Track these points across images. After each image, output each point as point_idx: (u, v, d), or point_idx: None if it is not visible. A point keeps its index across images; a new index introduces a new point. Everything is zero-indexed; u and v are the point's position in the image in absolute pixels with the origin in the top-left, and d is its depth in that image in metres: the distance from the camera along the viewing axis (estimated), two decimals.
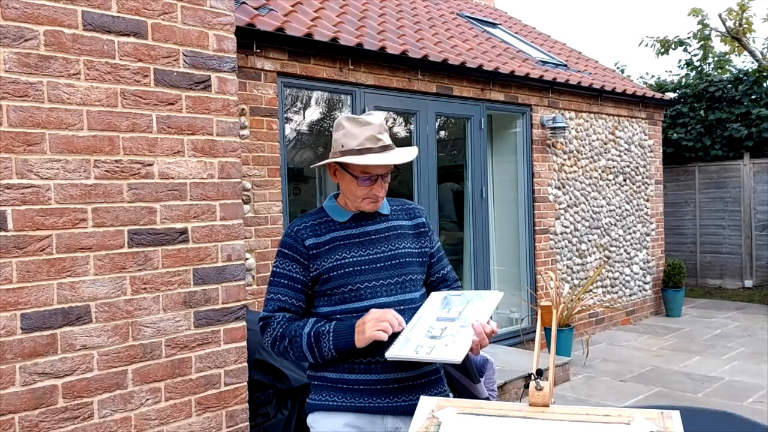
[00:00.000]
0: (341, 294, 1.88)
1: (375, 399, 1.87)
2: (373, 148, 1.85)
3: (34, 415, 2.31)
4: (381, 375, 1.87)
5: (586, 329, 7.21)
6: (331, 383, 1.91)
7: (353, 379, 1.88)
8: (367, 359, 1.86)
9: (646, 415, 1.35)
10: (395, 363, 1.84)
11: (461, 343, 1.71)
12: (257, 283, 4.45)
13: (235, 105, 2.87)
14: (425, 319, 1.84)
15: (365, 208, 1.93)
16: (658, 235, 8.60)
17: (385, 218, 1.99)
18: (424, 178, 5.76)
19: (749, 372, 5.78)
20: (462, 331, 1.75)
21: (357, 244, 1.91)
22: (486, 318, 1.81)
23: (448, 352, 1.68)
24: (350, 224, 1.94)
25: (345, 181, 1.92)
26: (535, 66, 7.17)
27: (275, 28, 4.51)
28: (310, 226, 1.93)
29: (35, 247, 2.31)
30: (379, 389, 1.87)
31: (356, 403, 1.87)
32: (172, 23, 2.65)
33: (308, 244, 1.90)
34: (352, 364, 1.87)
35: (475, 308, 1.84)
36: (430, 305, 1.91)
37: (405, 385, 1.89)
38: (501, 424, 1.39)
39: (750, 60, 11.17)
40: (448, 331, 1.76)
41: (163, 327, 2.63)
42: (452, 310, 1.85)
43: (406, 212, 2.05)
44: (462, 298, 1.92)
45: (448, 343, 1.71)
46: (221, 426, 2.80)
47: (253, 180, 4.46)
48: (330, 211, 1.97)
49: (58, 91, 2.36)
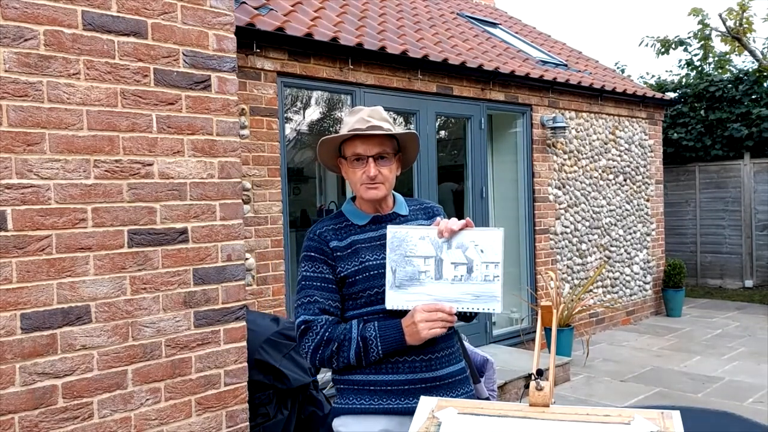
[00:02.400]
0: (367, 297, 1.86)
1: (403, 400, 1.84)
2: (361, 128, 1.85)
3: (34, 415, 2.31)
4: (408, 375, 1.85)
5: (587, 329, 7.21)
6: (357, 386, 1.87)
7: (381, 380, 1.85)
8: (394, 358, 1.84)
9: (646, 415, 1.35)
10: (423, 363, 1.84)
11: (494, 291, 1.74)
12: (257, 283, 4.45)
13: (235, 105, 2.87)
14: (440, 266, 1.79)
15: (365, 195, 1.90)
16: (658, 235, 8.60)
17: (404, 219, 1.98)
18: (424, 177, 5.76)
19: (749, 372, 5.78)
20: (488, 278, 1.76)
21: (378, 246, 1.89)
22: (500, 257, 1.78)
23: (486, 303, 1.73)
24: (370, 227, 1.93)
25: (346, 172, 1.93)
26: (535, 66, 7.16)
27: (275, 27, 4.51)
28: (332, 230, 1.93)
29: (35, 247, 2.31)
30: (407, 389, 1.85)
31: (384, 405, 1.84)
32: (172, 23, 2.65)
33: (332, 246, 1.89)
34: (378, 365, 1.85)
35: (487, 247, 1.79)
36: (423, 244, 1.82)
37: (433, 384, 1.86)
38: (501, 424, 1.39)
39: (750, 60, 11.17)
40: (475, 275, 1.76)
41: (163, 327, 2.63)
42: (456, 252, 1.79)
43: (424, 211, 2.04)
44: (462, 239, 1.80)
45: (480, 294, 1.74)
46: (221, 426, 2.80)
47: (253, 180, 4.46)
48: (349, 215, 1.97)
49: (58, 90, 2.36)
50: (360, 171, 1.87)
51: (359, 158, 1.87)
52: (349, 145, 1.90)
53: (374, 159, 1.87)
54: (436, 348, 1.88)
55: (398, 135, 1.91)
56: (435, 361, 1.87)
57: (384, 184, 1.89)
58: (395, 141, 1.94)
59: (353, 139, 1.88)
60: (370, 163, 1.86)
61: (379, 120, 1.88)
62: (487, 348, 6.09)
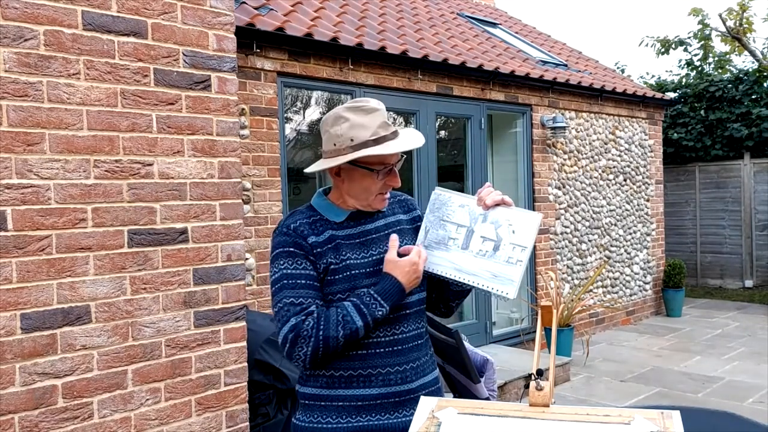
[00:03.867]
0: (346, 299, 1.71)
1: (374, 416, 1.70)
2: (388, 135, 1.70)
3: (34, 415, 2.31)
4: (382, 389, 1.71)
5: (587, 329, 7.21)
6: (325, 401, 1.72)
7: (351, 395, 1.70)
8: (367, 371, 1.71)
9: (646, 415, 1.35)
10: (398, 374, 1.73)
11: (513, 274, 1.68)
12: (257, 283, 4.45)
13: (235, 105, 2.87)
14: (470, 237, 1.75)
15: (378, 205, 1.77)
16: (658, 235, 8.60)
17: (382, 214, 1.83)
18: (424, 177, 5.76)
19: (749, 372, 5.78)
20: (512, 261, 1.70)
21: (358, 245, 1.76)
22: (531, 242, 1.70)
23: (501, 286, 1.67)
24: (348, 223, 1.77)
25: (356, 179, 1.73)
26: (535, 66, 7.16)
27: (275, 27, 4.51)
28: (306, 224, 1.74)
29: (35, 247, 2.31)
30: (379, 404, 1.71)
31: (354, 423, 1.69)
32: (172, 23, 2.65)
33: (311, 242, 1.71)
34: (350, 378, 1.71)
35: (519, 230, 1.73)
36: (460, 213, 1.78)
37: (407, 398, 1.74)
38: (501, 424, 1.39)
39: (750, 60, 11.16)
40: (500, 254, 1.70)
41: (163, 327, 2.62)
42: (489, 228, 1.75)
43: (401, 205, 1.90)
44: (498, 215, 1.75)
45: (498, 274, 1.68)
46: (221, 426, 2.79)
47: (253, 180, 4.46)
48: (322, 210, 1.79)
49: (57, 90, 2.36)
50: (381, 181, 1.73)
51: (385, 168, 1.73)
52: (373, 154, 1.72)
53: (394, 166, 1.76)
54: (410, 357, 1.76)
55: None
56: (410, 371, 1.75)
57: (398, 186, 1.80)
58: None
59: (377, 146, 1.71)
60: (394, 173, 1.75)
61: (389, 120, 1.77)
62: (487, 348, 6.09)
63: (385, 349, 1.73)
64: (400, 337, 1.75)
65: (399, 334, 1.75)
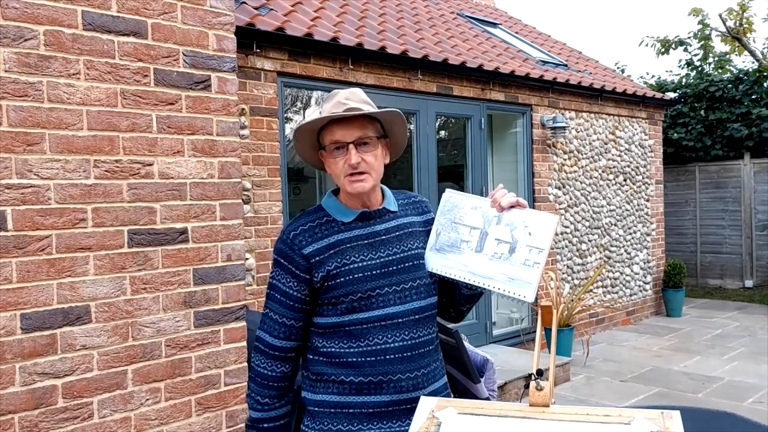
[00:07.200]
0: (349, 303, 1.66)
1: (386, 423, 1.67)
2: (337, 112, 1.65)
3: (34, 415, 2.31)
4: (393, 396, 1.67)
5: (587, 329, 7.21)
6: (335, 408, 1.68)
7: (362, 402, 1.67)
8: (378, 378, 1.67)
9: (646, 415, 1.35)
10: (409, 381, 1.70)
11: (530, 277, 1.63)
12: (257, 283, 4.45)
13: (235, 105, 2.87)
14: (484, 239, 1.70)
15: (350, 189, 1.68)
16: (658, 235, 8.60)
17: (394, 215, 1.78)
18: (424, 177, 5.76)
19: (749, 372, 5.78)
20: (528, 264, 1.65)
21: (366, 246, 1.70)
22: (547, 245, 1.66)
23: (518, 289, 1.63)
24: (356, 224, 1.72)
25: (329, 166, 1.72)
26: (535, 66, 7.16)
27: (275, 27, 4.51)
28: (308, 230, 1.70)
29: (35, 247, 2.31)
30: (391, 411, 1.67)
31: (365, 430, 1.66)
32: (172, 23, 2.65)
33: (307, 253, 1.67)
34: (360, 385, 1.67)
35: (534, 232, 1.68)
36: (473, 214, 1.74)
37: (416, 405, 1.70)
38: (501, 424, 1.39)
39: (750, 60, 11.18)
40: (515, 258, 1.65)
41: (163, 327, 2.63)
42: (504, 230, 1.70)
43: (414, 207, 1.85)
44: (513, 216, 1.71)
45: (515, 276, 1.63)
46: (221, 426, 2.80)
47: (253, 180, 4.46)
48: (331, 210, 1.75)
49: (57, 90, 2.36)
50: (341, 160, 1.66)
51: (339, 146, 1.66)
52: (327, 133, 1.68)
53: (355, 145, 1.65)
54: (421, 364, 1.73)
55: (379, 114, 1.69)
56: (422, 377, 1.72)
57: (370, 173, 1.68)
58: (378, 124, 1.72)
59: (330, 125, 1.67)
60: (350, 150, 1.65)
61: (358, 102, 1.68)
62: (487, 348, 6.09)
63: (396, 355, 1.69)
64: (410, 343, 1.71)
65: (409, 339, 1.71)
